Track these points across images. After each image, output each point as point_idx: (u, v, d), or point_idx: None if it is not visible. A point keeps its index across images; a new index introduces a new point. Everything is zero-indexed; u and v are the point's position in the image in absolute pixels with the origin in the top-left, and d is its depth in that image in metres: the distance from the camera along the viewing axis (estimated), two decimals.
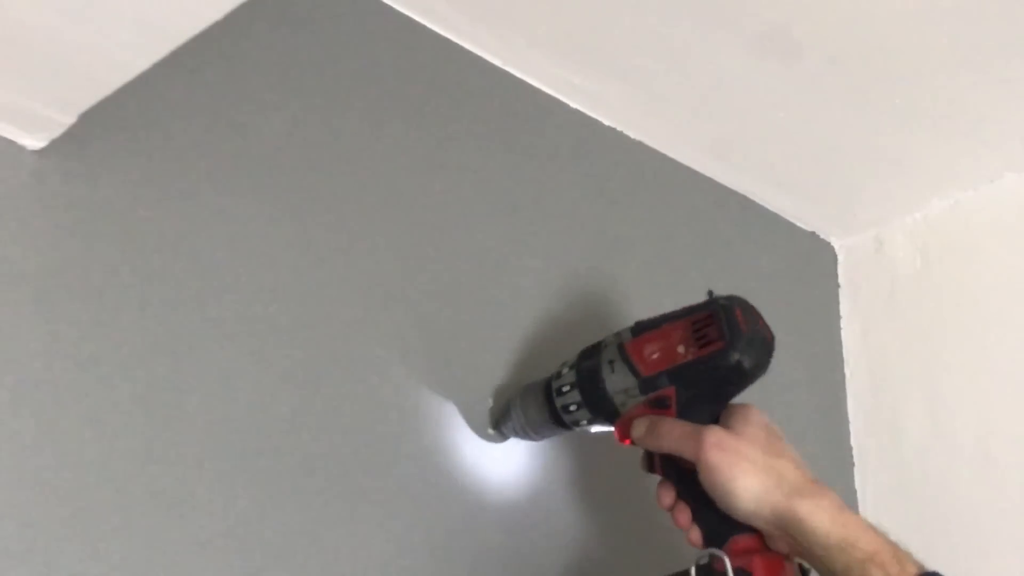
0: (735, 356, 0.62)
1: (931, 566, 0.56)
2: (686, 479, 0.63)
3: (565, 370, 0.72)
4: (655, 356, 0.66)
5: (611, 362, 0.69)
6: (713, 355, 0.63)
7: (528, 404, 0.75)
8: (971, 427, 1.00)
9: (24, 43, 0.52)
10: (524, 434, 0.77)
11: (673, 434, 0.64)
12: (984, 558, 0.97)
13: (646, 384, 0.67)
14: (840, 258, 1.19)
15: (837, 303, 1.17)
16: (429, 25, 0.88)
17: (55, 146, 0.63)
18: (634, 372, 0.67)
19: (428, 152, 0.84)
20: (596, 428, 0.72)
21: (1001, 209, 1.03)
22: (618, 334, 0.71)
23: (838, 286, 1.18)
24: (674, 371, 0.65)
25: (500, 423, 0.78)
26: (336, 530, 0.70)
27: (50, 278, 0.62)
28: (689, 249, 1.03)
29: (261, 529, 0.66)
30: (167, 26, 0.52)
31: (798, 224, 1.16)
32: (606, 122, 1.00)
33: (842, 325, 1.15)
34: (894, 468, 1.06)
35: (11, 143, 0.62)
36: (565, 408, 0.71)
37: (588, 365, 0.70)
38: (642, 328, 0.69)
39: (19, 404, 0.59)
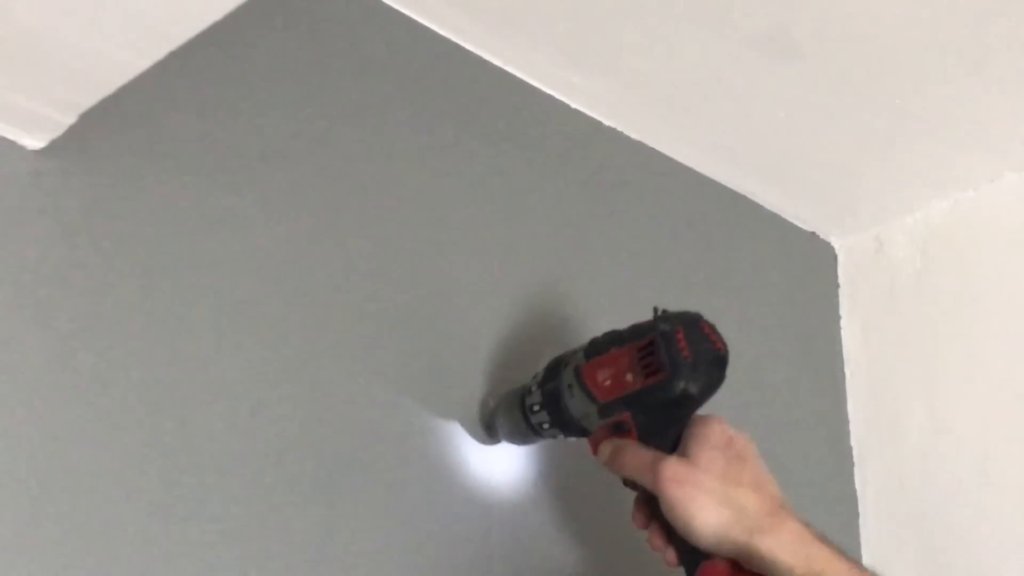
0: (680, 385, 0.61)
1: None
2: (657, 505, 0.61)
3: (534, 387, 0.71)
4: (607, 383, 0.65)
5: (570, 386, 0.68)
6: (659, 384, 0.61)
7: (508, 416, 0.75)
8: (971, 427, 1.00)
9: (24, 43, 0.52)
10: (511, 440, 0.77)
11: (633, 463, 0.62)
12: (984, 558, 0.97)
13: (604, 410, 0.65)
14: (840, 258, 1.19)
15: (837, 303, 1.16)
16: (429, 25, 0.88)
17: (55, 146, 0.63)
18: (591, 398, 0.66)
19: (428, 152, 0.84)
20: (575, 438, 0.72)
21: (1001, 209, 1.03)
22: (576, 353, 0.69)
23: (838, 286, 1.18)
24: (627, 398, 0.64)
25: (490, 427, 0.78)
26: (335, 532, 0.70)
27: (50, 278, 0.62)
28: (689, 249, 1.03)
29: (260, 530, 0.66)
30: (167, 26, 0.52)
31: (798, 224, 1.16)
32: (606, 122, 1.00)
33: (842, 325, 1.15)
34: (894, 468, 1.06)
35: (11, 143, 0.62)
36: (539, 425, 0.71)
37: (551, 388, 0.70)
38: (594, 350, 0.67)
39: (19, 404, 0.59)
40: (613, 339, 0.66)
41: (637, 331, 0.65)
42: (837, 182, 1.09)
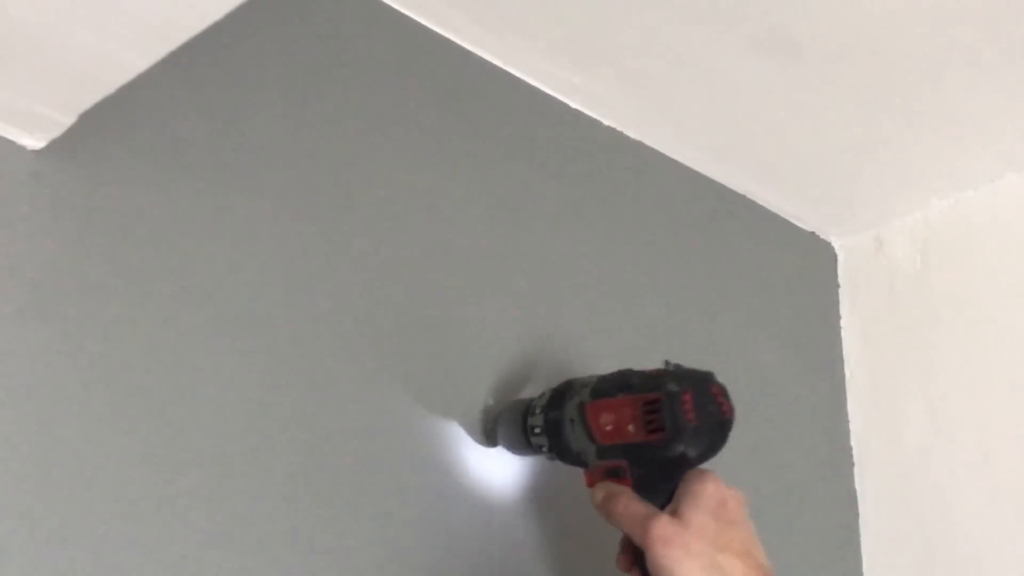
0: (679, 448, 0.60)
1: None
2: (642, 555, 0.61)
3: (538, 410, 0.71)
4: (608, 428, 0.65)
5: (572, 420, 0.68)
6: (658, 443, 0.61)
7: (509, 428, 0.75)
8: (971, 427, 1.00)
9: (24, 43, 0.52)
10: (509, 450, 0.77)
11: (625, 514, 0.62)
12: (984, 558, 0.97)
13: (602, 452, 0.65)
14: (840, 258, 1.19)
15: (837, 303, 1.16)
16: (429, 25, 0.88)
17: (55, 146, 0.63)
18: (591, 438, 0.66)
19: (428, 152, 0.84)
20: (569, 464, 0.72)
21: (1001, 209, 1.03)
22: (581, 389, 0.69)
23: (838, 286, 1.18)
24: (626, 448, 0.64)
25: (491, 433, 0.79)
26: (334, 533, 0.70)
27: (50, 278, 0.62)
28: (689, 249, 1.03)
29: (260, 531, 0.66)
30: (167, 26, 0.52)
31: (798, 224, 1.16)
32: (606, 122, 1.00)
33: (842, 325, 1.15)
34: (894, 468, 1.06)
35: (11, 143, 0.62)
36: (538, 447, 0.72)
37: (553, 417, 0.70)
38: (601, 391, 0.67)
39: (19, 404, 0.59)
40: (621, 385, 0.66)
41: (646, 383, 0.64)
42: (837, 182, 1.09)
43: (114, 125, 0.66)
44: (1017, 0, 0.78)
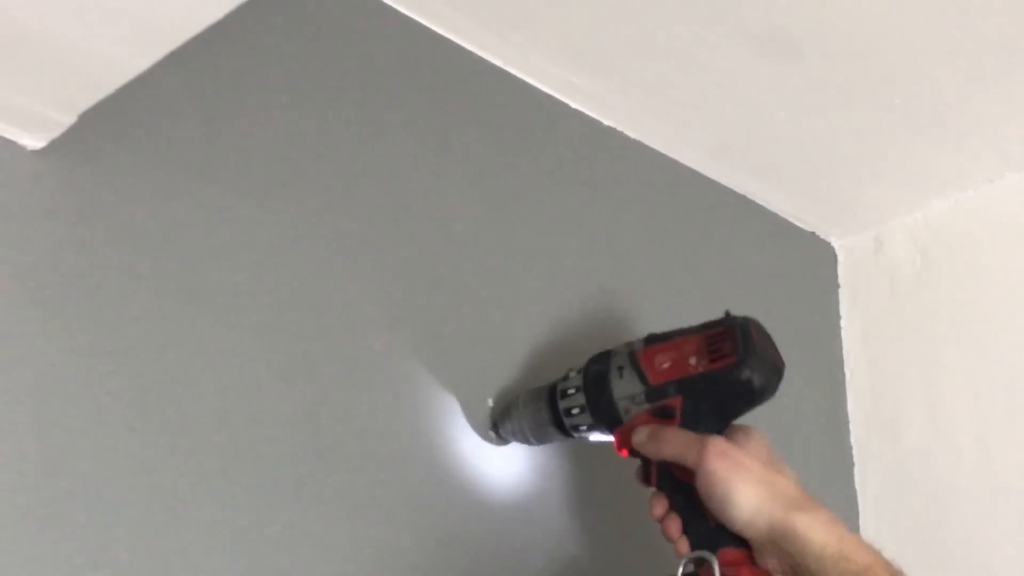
0: (746, 372, 0.63)
1: None
2: (681, 490, 0.64)
3: (572, 373, 0.72)
4: (666, 366, 0.66)
5: (620, 368, 0.69)
6: (725, 369, 0.63)
7: (530, 406, 0.75)
8: (971, 427, 1.00)
9: (24, 43, 0.52)
10: (523, 437, 0.77)
11: (675, 441, 0.64)
12: (984, 558, 0.97)
13: (653, 392, 0.67)
14: (840, 258, 1.19)
15: (837, 303, 1.17)
16: (429, 25, 0.88)
17: (55, 146, 0.63)
18: (643, 379, 0.67)
19: (428, 152, 0.84)
20: (595, 436, 0.72)
21: (1001, 209, 1.03)
22: (630, 343, 0.70)
23: (838, 286, 1.18)
24: (683, 382, 0.66)
25: (499, 425, 0.78)
26: (336, 530, 0.70)
27: (50, 277, 0.62)
28: (689, 249, 1.03)
29: (262, 528, 0.66)
30: (167, 26, 0.52)
31: (798, 224, 1.16)
32: (606, 122, 1.00)
33: (842, 325, 1.15)
34: (894, 468, 1.06)
35: (11, 143, 0.62)
36: (568, 411, 0.71)
37: (596, 369, 0.70)
38: (655, 339, 0.69)
39: (18, 403, 0.59)
40: (680, 330, 0.69)
41: (708, 324, 0.67)
42: (837, 182, 1.09)
43: (114, 125, 0.66)
44: (1017, 1, 0.79)
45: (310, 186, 0.76)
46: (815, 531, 0.58)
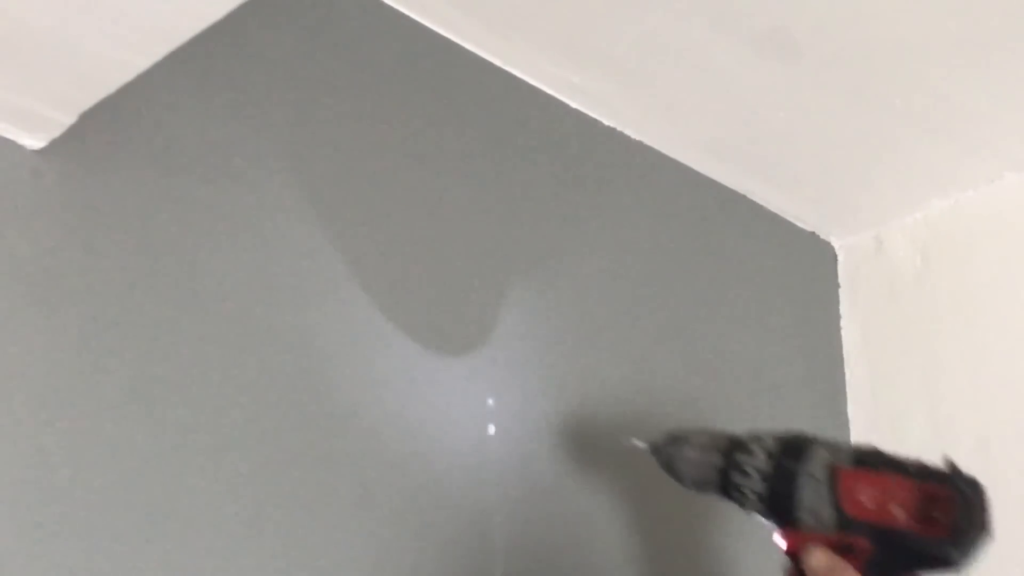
0: (954, 554, 0.58)
1: None
2: None
3: (759, 452, 0.66)
4: (867, 504, 0.60)
5: (815, 479, 0.63)
6: (932, 541, 0.58)
7: (703, 457, 0.69)
8: (971, 427, 1.00)
9: (24, 43, 0.52)
10: (674, 475, 0.72)
11: None
12: (984, 558, 0.97)
13: (846, 524, 0.61)
14: (840, 258, 1.19)
15: (837, 303, 1.16)
16: (429, 25, 0.88)
17: (55, 146, 0.63)
18: (836, 505, 0.61)
19: (428, 151, 0.84)
20: (757, 518, 0.67)
21: (1001, 209, 1.03)
22: (834, 450, 0.64)
23: (838, 286, 1.18)
24: (882, 531, 0.60)
25: (659, 447, 0.73)
26: (337, 528, 0.70)
27: (50, 276, 0.62)
28: (689, 249, 1.03)
29: (262, 527, 0.66)
30: (167, 26, 0.52)
31: (798, 224, 1.16)
32: (606, 122, 1.00)
33: (842, 325, 1.15)
34: None
35: (11, 143, 0.62)
36: (739, 487, 0.66)
37: (789, 467, 0.64)
38: (863, 461, 0.62)
39: (19, 402, 0.59)
40: (889, 463, 0.62)
41: (926, 471, 0.61)
42: (837, 182, 1.09)
43: (114, 125, 0.66)
44: (1017, 1, 0.78)
45: (310, 186, 0.76)
46: None
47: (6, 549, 0.56)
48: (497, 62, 0.92)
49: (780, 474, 0.64)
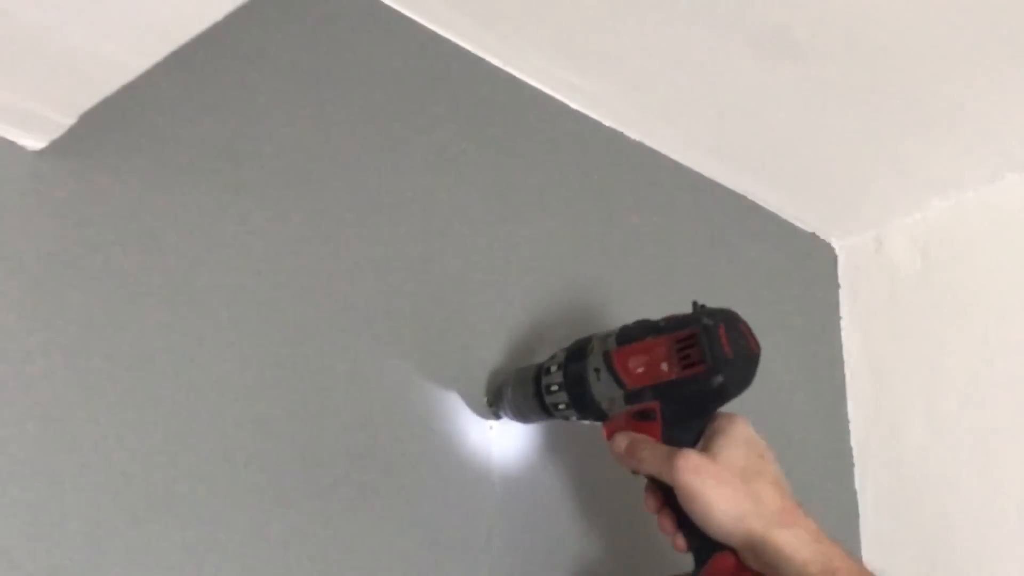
0: (718, 379, 0.62)
1: None
2: (670, 492, 0.63)
3: (554, 368, 0.72)
4: (640, 370, 0.66)
5: (597, 369, 0.68)
6: (695, 377, 0.63)
7: (519, 393, 0.75)
8: (971, 427, 1.00)
9: (24, 43, 0.52)
10: (516, 418, 0.77)
11: (650, 458, 0.63)
12: (984, 558, 0.97)
13: (631, 396, 0.66)
14: (840, 258, 1.19)
15: (837, 303, 1.17)
16: (429, 26, 0.88)
17: (55, 146, 0.63)
18: (619, 383, 0.67)
19: (428, 152, 0.84)
20: (586, 423, 0.72)
21: (1001, 209, 1.03)
22: (604, 339, 0.69)
23: (838, 286, 1.18)
24: (658, 387, 0.65)
25: (495, 403, 0.79)
26: (338, 526, 0.70)
27: (50, 278, 0.62)
28: (689, 249, 1.03)
29: (262, 527, 0.66)
30: (167, 26, 0.52)
31: (798, 224, 1.16)
32: (606, 123, 1.00)
33: (842, 325, 1.15)
34: (894, 468, 1.06)
35: (11, 143, 0.62)
36: (554, 405, 0.72)
37: (575, 369, 0.70)
38: (627, 337, 0.68)
39: (19, 403, 0.59)
40: (648, 328, 0.67)
41: (676, 322, 0.66)
42: (837, 182, 1.09)
43: (114, 125, 0.66)
44: (1018, 1, 0.79)
45: (310, 185, 0.76)
46: (797, 548, 0.57)
47: (5, 549, 0.56)
48: (497, 62, 0.92)
49: (572, 380, 0.70)
